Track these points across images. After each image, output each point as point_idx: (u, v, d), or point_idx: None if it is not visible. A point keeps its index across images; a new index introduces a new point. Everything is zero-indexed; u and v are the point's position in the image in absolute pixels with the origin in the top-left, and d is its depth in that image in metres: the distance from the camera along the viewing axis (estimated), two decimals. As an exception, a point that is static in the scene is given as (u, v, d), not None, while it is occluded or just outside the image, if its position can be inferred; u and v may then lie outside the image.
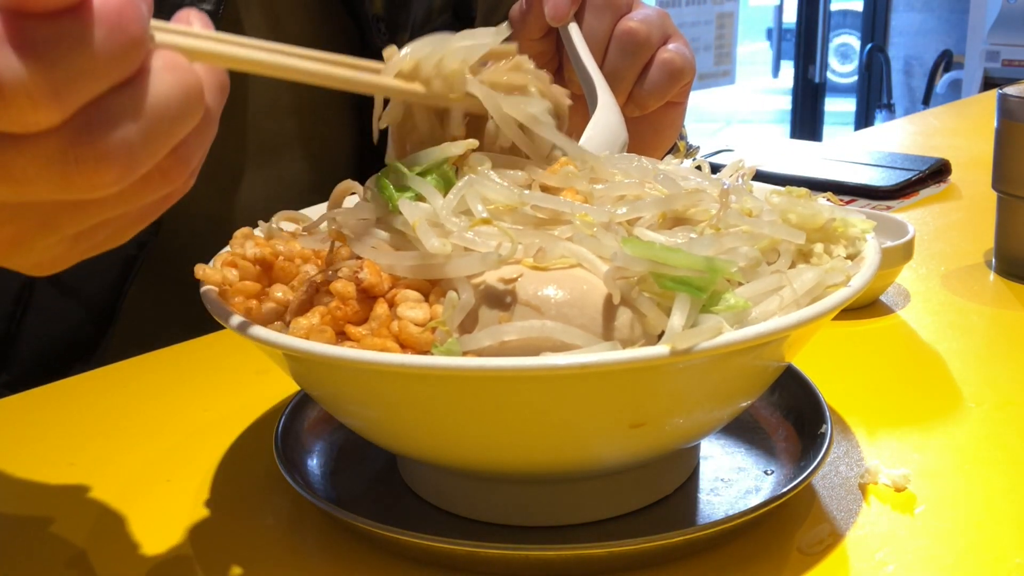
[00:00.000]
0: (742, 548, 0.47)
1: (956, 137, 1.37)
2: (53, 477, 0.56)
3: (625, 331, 0.43)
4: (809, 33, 4.99)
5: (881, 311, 0.75)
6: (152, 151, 0.32)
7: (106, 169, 0.32)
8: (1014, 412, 0.60)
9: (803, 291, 0.45)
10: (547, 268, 0.45)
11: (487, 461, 0.47)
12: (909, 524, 0.49)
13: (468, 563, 0.46)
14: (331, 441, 0.56)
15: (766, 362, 0.46)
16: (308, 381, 0.48)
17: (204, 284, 0.49)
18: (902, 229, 0.76)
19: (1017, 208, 0.80)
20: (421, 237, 0.45)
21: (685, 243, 0.46)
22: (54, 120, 0.30)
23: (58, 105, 0.30)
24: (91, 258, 0.38)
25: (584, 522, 0.49)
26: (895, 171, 1.10)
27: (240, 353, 0.68)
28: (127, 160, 0.32)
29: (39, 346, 0.75)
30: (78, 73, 0.30)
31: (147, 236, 0.75)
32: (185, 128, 0.33)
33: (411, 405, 0.44)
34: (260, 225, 0.55)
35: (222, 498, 0.53)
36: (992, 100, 0.83)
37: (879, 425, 0.58)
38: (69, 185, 0.32)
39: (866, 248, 0.50)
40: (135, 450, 0.59)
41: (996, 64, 4.10)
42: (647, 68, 0.68)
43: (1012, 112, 0.79)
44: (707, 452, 0.55)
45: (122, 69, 0.31)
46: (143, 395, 0.67)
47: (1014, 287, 0.80)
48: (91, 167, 0.31)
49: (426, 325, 0.44)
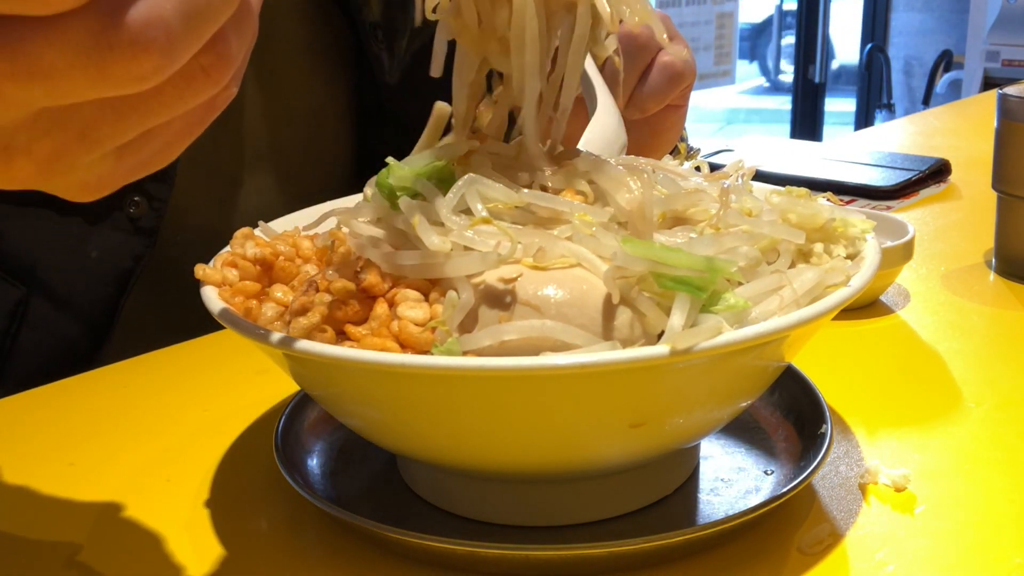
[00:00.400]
0: (742, 548, 0.47)
1: (956, 137, 1.37)
2: (53, 477, 0.56)
3: (625, 331, 0.43)
4: (809, 33, 4.99)
5: (881, 311, 0.75)
6: (190, 35, 0.30)
7: (144, 55, 0.29)
8: (1014, 412, 0.60)
9: (803, 291, 0.45)
10: (547, 268, 0.45)
11: (487, 461, 0.47)
12: (909, 524, 0.49)
13: (468, 563, 0.46)
14: (331, 441, 0.56)
15: (766, 362, 0.46)
16: (308, 381, 0.48)
17: (204, 284, 0.49)
18: (902, 229, 0.76)
19: (1017, 208, 0.80)
20: (421, 235, 0.45)
21: (685, 243, 0.46)
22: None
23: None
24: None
25: (584, 522, 0.49)
26: (895, 171, 1.10)
27: (240, 353, 0.68)
28: (165, 43, 0.29)
29: (35, 361, 0.74)
30: None
31: (143, 249, 0.74)
32: (224, 10, 0.31)
33: (411, 405, 0.44)
34: (260, 225, 0.55)
35: (222, 498, 0.53)
36: (992, 100, 0.83)
37: (879, 425, 0.58)
38: (106, 76, 0.29)
39: (866, 248, 0.50)
40: (135, 450, 0.59)
41: (996, 64, 4.10)
42: (647, 71, 0.68)
43: (1012, 112, 0.79)
44: (707, 452, 0.55)
45: None
46: (143, 395, 0.67)
47: (1014, 287, 0.80)
48: (128, 53, 0.29)
49: (426, 325, 0.44)
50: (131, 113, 0.32)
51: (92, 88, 0.30)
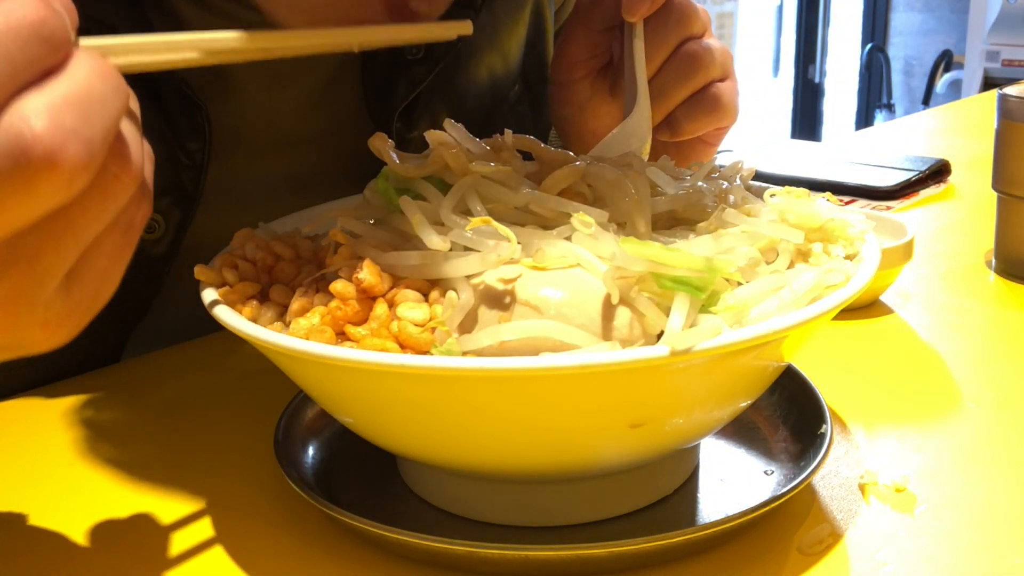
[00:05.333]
0: (742, 548, 0.47)
1: (956, 137, 1.37)
2: (53, 477, 0.56)
3: (624, 331, 0.43)
4: (809, 33, 4.99)
5: (881, 311, 0.75)
6: (95, 130, 0.33)
7: (62, 159, 0.32)
8: (1014, 412, 0.60)
9: (802, 291, 0.45)
10: (546, 268, 0.45)
11: (487, 461, 0.47)
12: (909, 524, 0.49)
13: (468, 563, 0.46)
14: (331, 441, 0.56)
15: (765, 362, 0.46)
16: (308, 381, 0.48)
17: (204, 284, 0.49)
18: (902, 229, 0.76)
19: (1017, 208, 0.80)
20: (421, 234, 0.45)
21: (684, 243, 0.46)
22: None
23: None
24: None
25: (584, 522, 0.49)
26: (895, 171, 1.10)
27: (240, 353, 0.68)
28: (77, 144, 0.32)
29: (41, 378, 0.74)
30: None
31: (151, 293, 0.73)
32: (115, 107, 0.34)
33: (411, 405, 0.44)
34: (260, 226, 0.55)
35: (222, 498, 0.53)
36: (992, 100, 0.83)
37: (879, 425, 0.58)
38: (32, 190, 0.32)
39: (865, 248, 0.50)
40: (135, 450, 0.59)
41: (996, 64, 4.10)
42: (693, 97, 0.67)
43: (1012, 112, 0.79)
44: (707, 452, 0.55)
45: (46, 64, 0.33)
46: (143, 395, 0.67)
47: (1014, 287, 0.80)
48: (47, 163, 0.32)
49: (426, 325, 0.44)
50: (65, 234, 0.34)
51: (25, 208, 0.33)
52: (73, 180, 0.33)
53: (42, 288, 0.35)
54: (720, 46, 0.68)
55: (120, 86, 0.35)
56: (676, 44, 0.66)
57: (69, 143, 0.32)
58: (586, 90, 0.72)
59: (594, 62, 0.72)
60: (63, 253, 0.35)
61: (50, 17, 0.33)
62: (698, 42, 0.67)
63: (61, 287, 0.36)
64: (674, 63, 0.66)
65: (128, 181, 0.36)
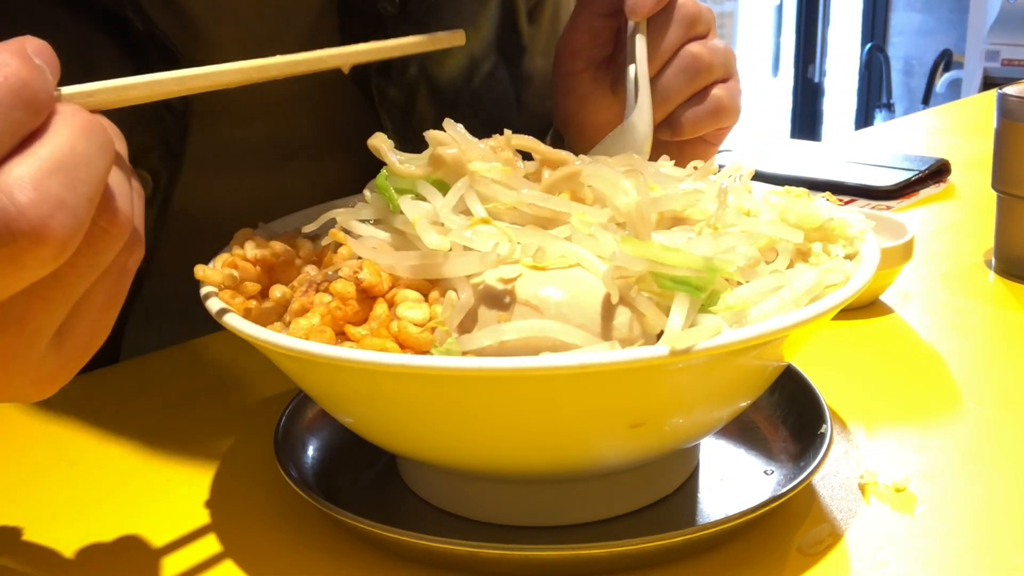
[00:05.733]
0: (742, 548, 0.47)
1: (956, 137, 1.37)
2: (53, 477, 0.56)
3: (624, 331, 0.43)
4: (809, 33, 4.99)
5: (881, 311, 0.75)
6: (78, 191, 0.32)
7: (49, 233, 0.31)
8: (1014, 412, 0.60)
9: (802, 291, 0.45)
10: (546, 268, 0.45)
11: (486, 461, 0.47)
12: (909, 524, 0.49)
13: (468, 563, 0.46)
14: (331, 441, 0.56)
15: (765, 362, 0.46)
16: (307, 381, 0.48)
17: (204, 285, 0.49)
18: (902, 229, 0.76)
19: (1017, 208, 0.80)
20: (420, 233, 0.45)
21: (683, 243, 0.46)
22: None
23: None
24: None
25: (584, 522, 0.49)
26: (895, 171, 1.10)
27: (240, 353, 0.68)
28: (64, 215, 0.32)
29: None
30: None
31: (142, 271, 0.72)
32: (100, 166, 0.33)
33: (411, 405, 0.44)
34: (260, 226, 0.55)
35: (222, 498, 0.53)
36: (992, 100, 0.83)
37: (879, 425, 0.58)
38: (20, 266, 0.32)
39: (865, 248, 0.50)
40: (135, 450, 0.59)
41: (996, 64, 4.10)
42: (695, 97, 0.67)
43: (1012, 112, 0.79)
44: (707, 452, 0.55)
45: (28, 128, 0.32)
46: (143, 395, 0.67)
47: (1014, 287, 0.80)
48: (33, 238, 0.31)
49: (425, 325, 0.44)
50: (54, 293, 0.34)
51: (12, 280, 0.32)
52: (61, 252, 0.32)
53: (33, 349, 0.35)
54: (724, 46, 0.68)
55: (105, 142, 0.34)
56: (680, 44, 0.66)
57: (56, 215, 0.31)
58: (587, 83, 0.72)
59: (596, 51, 0.71)
60: (53, 313, 0.34)
61: (32, 79, 0.32)
62: (702, 42, 0.67)
63: (52, 344, 0.35)
64: (677, 63, 0.66)
65: (117, 233, 0.35)
